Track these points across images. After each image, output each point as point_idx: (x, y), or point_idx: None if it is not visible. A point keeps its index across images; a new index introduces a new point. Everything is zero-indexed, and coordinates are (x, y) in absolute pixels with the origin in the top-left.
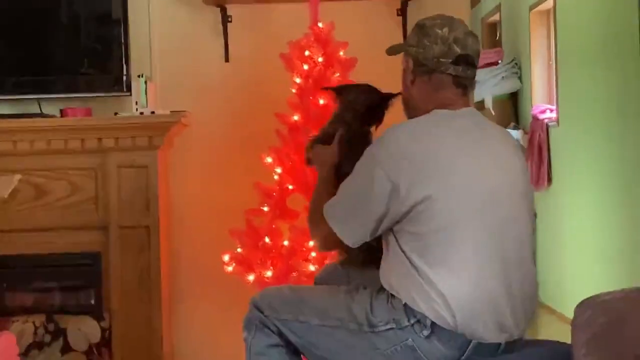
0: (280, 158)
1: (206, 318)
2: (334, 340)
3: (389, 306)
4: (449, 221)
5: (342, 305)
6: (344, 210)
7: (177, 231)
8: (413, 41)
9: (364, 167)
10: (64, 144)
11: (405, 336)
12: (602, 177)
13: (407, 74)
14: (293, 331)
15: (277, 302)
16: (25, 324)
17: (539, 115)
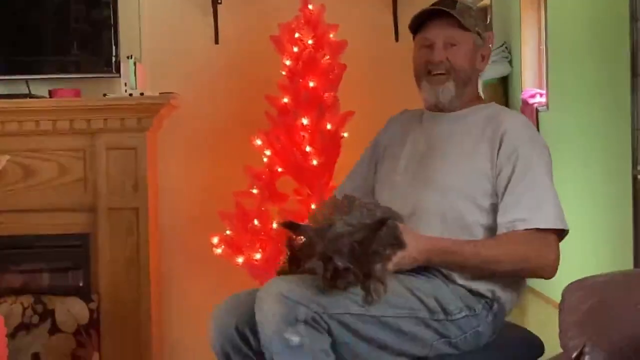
0: (269, 140)
1: (195, 300)
2: (395, 330)
3: (456, 293)
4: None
5: (406, 293)
6: (557, 201)
7: (166, 213)
8: (483, 27)
9: (545, 155)
10: (52, 125)
11: (477, 323)
12: (592, 163)
13: (480, 58)
14: (345, 326)
15: (322, 295)
16: (13, 305)
17: (528, 99)
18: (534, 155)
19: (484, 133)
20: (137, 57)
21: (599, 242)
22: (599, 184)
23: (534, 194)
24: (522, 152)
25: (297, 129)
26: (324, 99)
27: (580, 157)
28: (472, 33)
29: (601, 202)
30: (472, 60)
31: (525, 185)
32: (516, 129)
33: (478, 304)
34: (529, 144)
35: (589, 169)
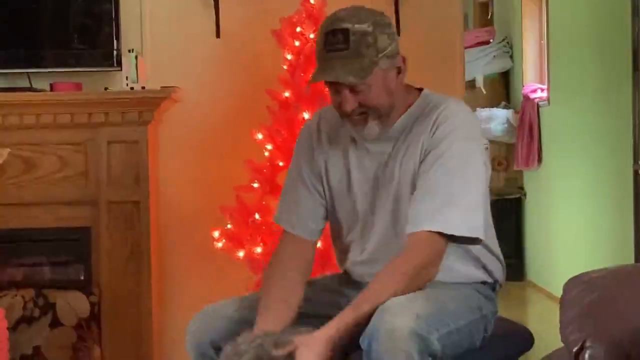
0: (270, 135)
1: (196, 294)
2: (472, 334)
3: (477, 289)
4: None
5: (461, 299)
6: (474, 202)
7: (167, 207)
8: (386, 42)
9: (474, 153)
10: (53, 119)
11: (495, 307)
12: (592, 157)
13: (393, 77)
14: (447, 344)
15: (432, 318)
16: (14, 298)
17: (529, 94)
18: (454, 155)
19: (415, 141)
20: (139, 51)
21: (601, 237)
22: (600, 179)
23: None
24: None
25: (299, 123)
26: (325, 93)
27: (581, 152)
28: (377, 67)
29: (602, 196)
30: (387, 88)
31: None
32: (443, 129)
33: (490, 291)
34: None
35: (590, 163)
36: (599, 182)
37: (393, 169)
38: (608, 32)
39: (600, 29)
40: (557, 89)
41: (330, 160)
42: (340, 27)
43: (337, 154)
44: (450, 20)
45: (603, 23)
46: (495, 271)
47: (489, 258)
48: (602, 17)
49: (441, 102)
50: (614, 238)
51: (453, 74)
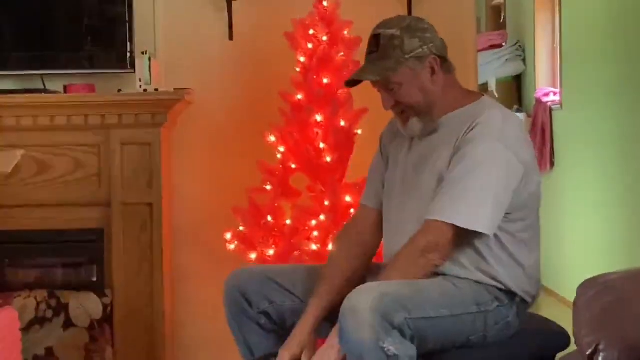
0: (283, 137)
1: (208, 295)
2: (458, 326)
3: (487, 289)
4: (533, 205)
5: (456, 293)
6: (484, 198)
7: (180, 209)
8: (415, 44)
9: (496, 154)
10: (67, 120)
11: (506, 313)
12: (605, 161)
13: (427, 78)
14: (425, 331)
15: (406, 300)
16: (27, 299)
17: (542, 98)
18: (474, 150)
19: (453, 139)
20: (152, 53)
21: (614, 241)
22: (613, 183)
23: (452, 188)
24: (468, 149)
25: (311, 125)
26: (337, 95)
27: (593, 156)
28: (404, 67)
29: (615, 200)
30: (421, 87)
31: (453, 180)
32: (477, 130)
33: (504, 296)
34: (474, 141)
35: (602, 167)
36: (612, 186)
37: (425, 167)
38: (622, 35)
39: (613, 32)
40: (569, 93)
41: (390, 155)
42: (375, 33)
43: (396, 149)
44: (464, 24)
45: (617, 26)
46: (509, 278)
47: (505, 262)
48: (615, 20)
49: (488, 108)
50: (627, 242)
51: (466, 77)
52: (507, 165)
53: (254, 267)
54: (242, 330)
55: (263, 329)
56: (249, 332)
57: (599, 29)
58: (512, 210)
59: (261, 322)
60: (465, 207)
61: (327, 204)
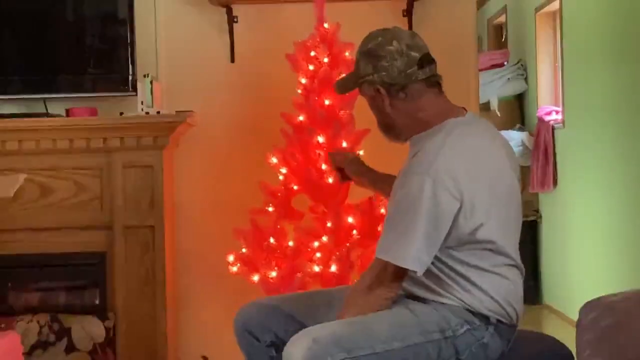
0: (285, 158)
1: (211, 318)
2: (419, 357)
3: (455, 313)
4: (494, 232)
5: (413, 322)
6: (408, 237)
7: (182, 231)
8: (368, 70)
9: (422, 188)
10: (69, 144)
11: (480, 335)
12: (608, 179)
13: (380, 102)
14: None
15: (344, 340)
16: (30, 323)
17: (544, 116)
18: (406, 182)
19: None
20: (154, 76)
21: (618, 260)
22: (616, 201)
23: (387, 222)
24: (401, 182)
25: (313, 146)
26: (339, 116)
27: (597, 174)
28: (360, 87)
29: (619, 219)
30: (379, 109)
31: (388, 215)
32: (414, 160)
33: (475, 318)
34: (407, 173)
35: (606, 186)
36: (616, 204)
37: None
38: (623, 54)
39: (615, 51)
40: (572, 111)
41: None
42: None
43: None
44: (465, 43)
45: (618, 45)
46: (473, 300)
47: (466, 287)
48: (616, 38)
49: (438, 133)
50: (632, 261)
51: (467, 97)
52: (436, 202)
53: (259, 299)
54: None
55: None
56: None
57: (600, 47)
58: (456, 244)
59: (271, 354)
60: (395, 244)
61: (329, 225)
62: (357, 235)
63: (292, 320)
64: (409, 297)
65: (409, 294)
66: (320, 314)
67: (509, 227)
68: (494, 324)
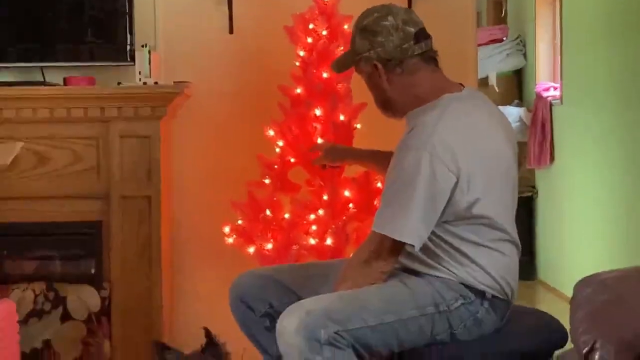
0: (282, 131)
1: (207, 289)
2: (412, 330)
3: (450, 287)
4: (491, 207)
5: (407, 295)
6: (406, 211)
7: (179, 202)
8: (365, 46)
9: (419, 163)
10: (66, 113)
11: (475, 310)
12: (605, 156)
13: (377, 78)
14: (367, 338)
15: (338, 313)
16: (25, 291)
17: (542, 93)
18: (403, 158)
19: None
20: (152, 46)
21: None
22: (613, 178)
23: (384, 197)
24: (398, 158)
25: (310, 119)
26: (337, 89)
27: (593, 151)
28: (357, 64)
29: (615, 195)
30: (375, 85)
31: (385, 190)
32: (410, 135)
33: (470, 293)
34: (404, 148)
35: (602, 162)
36: (612, 180)
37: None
38: (622, 30)
39: (614, 28)
40: (570, 88)
41: None
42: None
43: None
44: (464, 18)
45: (617, 21)
46: (468, 275)
47: (461, 261)
48: (616, 15)
49: (435, 108)
50: (627, 238)
51: (466, 72)
52: (433, 177)
53: (255, 270)
54: (253, 334)
55: (270, 331)
56: (258, 335)
57: (599, 23)
58: (453, 218)
59: (266, 324)
60: (392, 218)
61: (325, 198)
62: (353, 208)
63: (287, 291)
64: (404, 271)
65: (404, 268)
66: (315, 286)
67: (505, 203)
68: (489, 299)
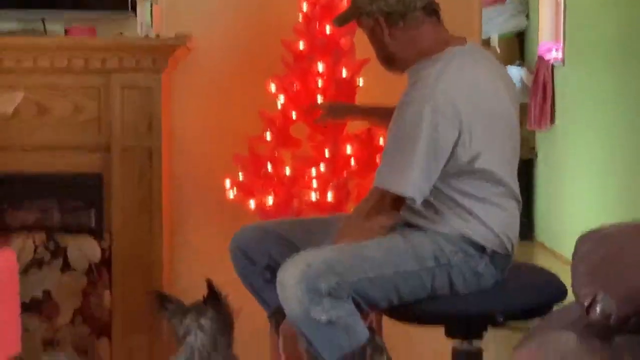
0: (284, 86)
1: (207, 243)
2: (412, 284)
3: (450, 241)
4: (492, 161)
5: (408, 249)
6: (407, 165)
7: (179, 155)
8: (365, 1)
9: (421, 117)
10: (67, 63)
11: (475, 264)
12: (606, 118)
13: (380, 32)
14: (367, 290)
15: (338, 265)
16: (26, 241)
17: (544, 54)
18: (405, 111)
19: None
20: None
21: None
22: (613, 140)
23: (385, 151)
24: (400, 112)
25: (312, 75)
26: (340, 45)
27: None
28: (359, 19)
29: (615, 158)
30: (378, 40)
31: (386, 144)
32: (412, 89)
33: (471, 247)
34: (406, 102)
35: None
36: (612, 143)
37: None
38: None
39: None
40: (572, 49)
41: None
42: None
43: None
44: None
45: None
46: (469, 230)
47: (462, 216)
48: None
49: (438, 61)
50: (625, 200)
51: (470, 33)
52: (434, 130)
53: (255, 223)
54: (253, 287)
55: (270, 283)
56: (259, 287)
57: None
58: (455, 173)
59: (266, 277)
60: (394, 172)
61: (327, 154)
62: (354, 165)
63: (287, 244)
64: (405, 225)
65: (405, 222)
66: (316, 239)
67: (507, 157)
68: (489, 253)
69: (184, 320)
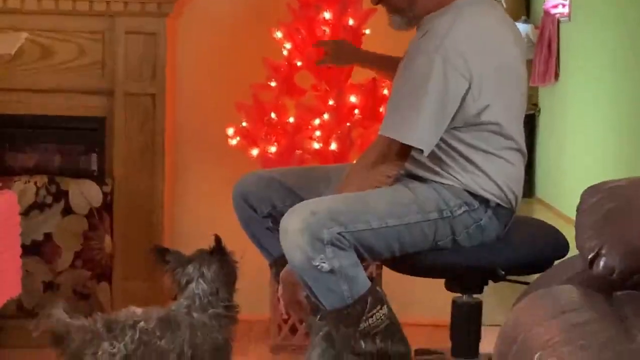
0: (290, 33)
1: (209, 190)
2: (414, 235)
3: (454, 194)
4: (500, 114)
5: (411, 200)
6: (416, 115)
7: (183, 101)
8: None
9: (432, 67)
10: (72, 5)
11: (478, 217)
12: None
13: None
14: (369, 240)
15: (341, 214)
16: (27, 184)
17: (550, 9)
18: (414, 61)
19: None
20: None
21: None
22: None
23: (392, 100)
24: (409, 61)
25: (318, 23)
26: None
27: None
28: None
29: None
30: None
31: (393, 93)
32: (423, 39)
33: (474, 200)
34: (416, 51)
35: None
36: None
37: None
38: None
39: None
40: (578, 5)
41: None
42: None
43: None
44: None
45: None
46: (473, 183)
47: (467, 168)
48: None
49: (448, 13)
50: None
51: None
52: (444, 80)
53: (258, 171)
54: (255, 235)
55: (272, 231)
56: (260, 235)
57: None
58: (462, 125)
59: (268, 225)
60: (400, 121)
61: (331, 103)
62: (358, 115)
63: (290, 193)
64: (409, 177)
65: (409, 174)
66: (319, 188)
67: (514, 110)
68: (492, 207)
69: (186, 268)
